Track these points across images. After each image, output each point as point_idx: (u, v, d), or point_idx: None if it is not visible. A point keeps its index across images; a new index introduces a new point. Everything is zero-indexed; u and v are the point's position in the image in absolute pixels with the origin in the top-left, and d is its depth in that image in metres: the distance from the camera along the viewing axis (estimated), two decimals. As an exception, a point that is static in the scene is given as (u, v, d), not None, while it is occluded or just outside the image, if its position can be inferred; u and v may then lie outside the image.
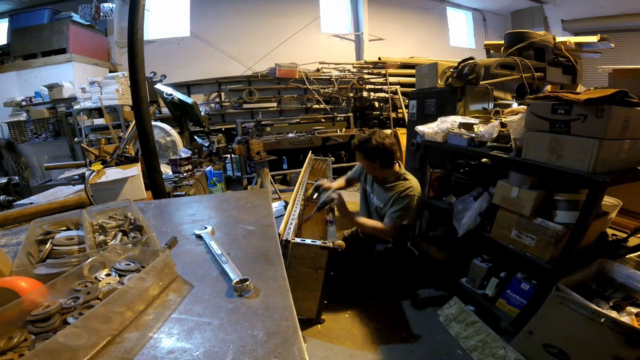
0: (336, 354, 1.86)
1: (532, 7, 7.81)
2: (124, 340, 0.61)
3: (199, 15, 6.55)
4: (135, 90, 1.67)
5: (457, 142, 2.16)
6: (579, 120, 1.43)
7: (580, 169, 1.44)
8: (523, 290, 1.80)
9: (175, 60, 6.43)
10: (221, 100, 6.60)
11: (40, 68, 5.02)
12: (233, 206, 1.34)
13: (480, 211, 1.99)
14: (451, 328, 1.99)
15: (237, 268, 0.83)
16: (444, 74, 2.88)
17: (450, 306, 2.11)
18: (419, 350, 1.87)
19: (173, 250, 0.98)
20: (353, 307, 2.24)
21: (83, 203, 1.51)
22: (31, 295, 0.65)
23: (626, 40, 6.22)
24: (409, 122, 3.62)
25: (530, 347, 1.58)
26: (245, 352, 0.57)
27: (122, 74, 4.72)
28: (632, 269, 1.62)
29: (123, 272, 0.77)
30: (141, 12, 1.61)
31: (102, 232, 1.02)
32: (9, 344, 0.57)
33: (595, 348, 1.36)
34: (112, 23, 5.94)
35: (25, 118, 4.92)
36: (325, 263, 1.73)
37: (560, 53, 3.45)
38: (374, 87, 6.66)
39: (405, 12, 7.86)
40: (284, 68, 6.64)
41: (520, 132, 1.72)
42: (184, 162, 2.67)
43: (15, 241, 1.13)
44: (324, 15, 7.29)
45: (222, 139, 5.37)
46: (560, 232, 1.57)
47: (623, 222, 1.94)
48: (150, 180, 1.81)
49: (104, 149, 2.13)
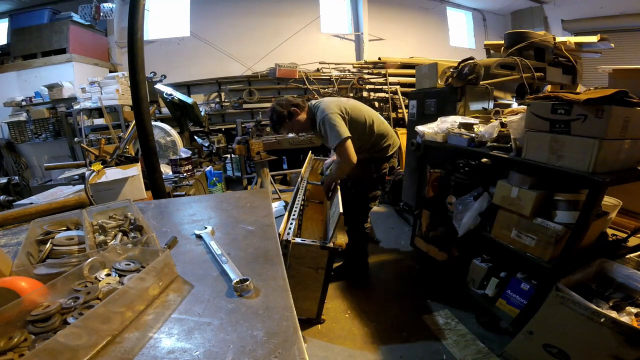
0: (336, 354, 1.86)
1: (532, 7, 7.80)
2: (124, 340, 0.61)
3: (199, 15, 6.55)
4: (135, 90, 1.67)
5: (457, 142, 2.16)
6: (579, 120, 1.43)
7: (580, 169, 1.44)
8: (523, 290, 1.80)
9: (175, 60, 6.43)
10: (221, 100, 6.60)
11: (40, 68, 5.02)
12: (233, 206, 1.34)
13: (480, 211, 1.99)
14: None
15: (237, 268, 0.83)
16: (444, 74, 2.88)
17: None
18: (419, 350, 1.87)
19: (173, 250, 0.98)
20: (353, 307, 2.25)
21: (83, 203, 1.50)
22: (31, 295, 0.65)
23: (626, 40, 6.22)
24: (409, 122, 3.62)
25: (530, 347, 1.58)
26: (245, 352, 0.57)
27: (122, 74, 4.72)
28: (632, 269, 1.62)
29: (123, 272, 0.77)
30: (141, 12, 1.61)
31: (102, 232, 1.02)
32: (9, 344, 0.57)
33: (595, 348, 1.36)
34: (112, 23, 5.94)
35: (25, 118, 4.91)
36: (326, 263, 1.73)
37: (560, 53, 3.44)
38: (374, 87, 6.65)
39: (405, 12, 7.86)
40: (284, 68, 6.64)
41: (520, 132, 1.72)
42: (184, 162, 2.67)
43: (15, 241, 1.13)
44: (324, 15, 7.28)
45: (222, 139, 5.37)
46: (560, 232, 1.57)
47: (623, 222, 1.93)
48: (150, 180, 1.81)
49: (104, 149, 2.13)
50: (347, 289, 2.46)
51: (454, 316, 2.11)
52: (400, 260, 2.87)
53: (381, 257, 2.84)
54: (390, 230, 2.77)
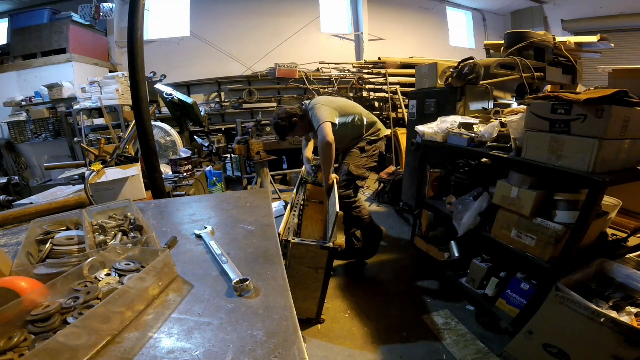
0: (336, 354, 1.86)
1: (532, 7, 7.80)
2: (124, 340, 0.61)
3: (199, 15, 6.55)
4: (135, 90, 1.67)
5: (457, 142, 2.16)
6: (579, 120, 1.43)
7: (580, 169, 1.44)
8: (523, 290, 1.80)
9: (175, 60, 6.43)
10: (221, 100, 6.60)
11: (40, 68, 5.02)
12: (233, 206, 1.34)
13: (480, 211, 1.99)
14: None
15: (237, 268, 0.83)
16: (444, 74, 2.88)
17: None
18: (419, 350, 1.87)
19: (173, 250, 0.98)
20: (353, 307, 2.25)
21: (83, 203, 1.51)
22: (31, 295, 0.65)
23: (626, 40, 6.22)
24: (409, 122, 3.62)
25: (530, 347, 1.58)
26: (245, 352, 0.57)
27: (122, 74, 4.72)
28: (632, 269, 1.62)
29: (123, 272, 0.77)
30: (141, 12, 1.61)
31: (102, 232, 1.02)
32: (9, 344, 0.57)
33: (595, 348, 1.36)
34: (112, 23, 5.94)
35: (25, 118, 4.92)
36: (325, 263, 1.73)
37: (560, 53, 3.45)
38: (374, 87, 6.65)
39: (405, 12, 7.86)
40: (284, 68, 6.64)
41: (520, 132, 1.72)
42: (184, 162, 2.67)
43: (15, 241, 1.13)
44: (324, 15, 7.29)
45: (222, 139, 5.37)
46: (560, 232, 1.57)
47: (623, 222, 1.93)
48: (150, 180, 1.81)
49: (104, 149, 2.13)
50: (347, 289, 2.46)
51: (454, 316, 2.11)
52: (400, 260, 2.86)
53: (381, 257, 2.84)
54: (390, 230, 2.77)
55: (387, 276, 2.66)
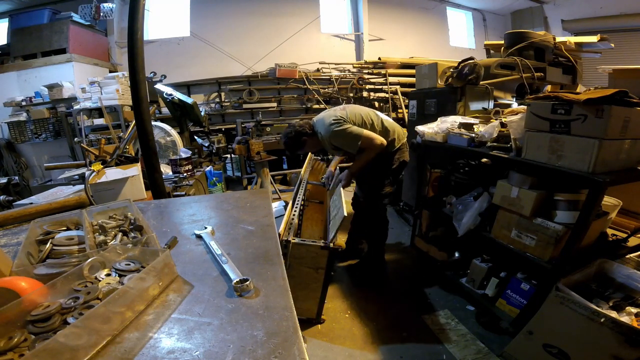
0: (336, 354, 1.86)
1: (532, 7, 7.80)
2: (124, 340, 0.61)
3: (199, 15, 6.54)
4: (135, 90, 1.67)
5: (457, 142, 2.16)
6: (579, 120, 1.43)
7: (580, 169, 1.44)
8: (523, 290, 1.80)
9: (175, 60, 6.42)
10: (221, 100, 6.60)
11: (40, 68, 5.01)
12: (233, 206, 1.34)
13: (480, 211, 1.99)
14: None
15: (237, 268, 0.83)
16: (444, 74, 2.88)
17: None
18: (419, 350, 1.87)
19: (173, 250, 0.98)
20: (353, 307, 2.24)
21: (83, 203, 1.50)
22: (31, 295, 0.65)
23: (626, 40, 6.21)
24: (409, 122, 3.62)
25: (530, 347, 1.58)
26: (245, 352, 0.57)
27: (122, 74, 4.71)
28: (632, 269, 1.62)
29: (123, 272, 0.77)
30: (141, 12, 1.61)
31: (102, 232, 1.02)
32: (9, 344, 0.57)
33: (595, 348, 1.36)
34: (112, 23, 5.93)
35: (25, 118, 4.91)
36: (325, 263, 1.74)
37: (560, 53, 3.45)
38: (374, 87, 6.64)
39: (405, 12, 7.85)
40: (284, 68, 6.64)
41: (520, 132, 1.72)
42: (184, 162, 2.67)
43: (15, 241, 1.13)
44: (324, 15, 7.28)
45: (222, 139, 5.37)
46: (560, 232, 1.57)
47: (623, 222, 1.93)
48: (150, 180, 1.81)
49: (104, 149, 2.13)
50: (347, 289, 2.46)
51: (454, 316, 2.11)
52: (400, 260, 2.86)
53: (381, 257, 2.84)
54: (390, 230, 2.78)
55: (387, 276, 2.67)
